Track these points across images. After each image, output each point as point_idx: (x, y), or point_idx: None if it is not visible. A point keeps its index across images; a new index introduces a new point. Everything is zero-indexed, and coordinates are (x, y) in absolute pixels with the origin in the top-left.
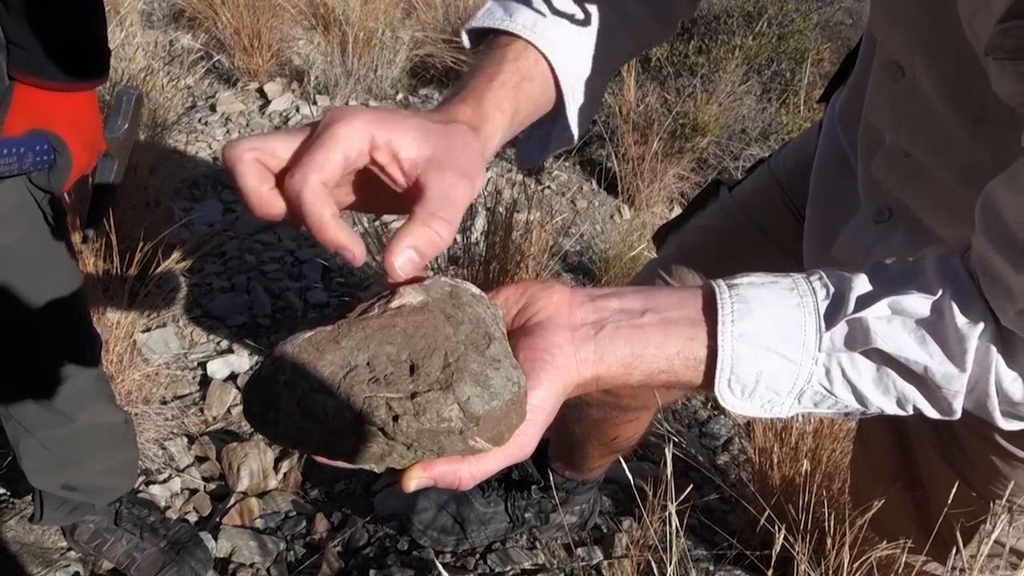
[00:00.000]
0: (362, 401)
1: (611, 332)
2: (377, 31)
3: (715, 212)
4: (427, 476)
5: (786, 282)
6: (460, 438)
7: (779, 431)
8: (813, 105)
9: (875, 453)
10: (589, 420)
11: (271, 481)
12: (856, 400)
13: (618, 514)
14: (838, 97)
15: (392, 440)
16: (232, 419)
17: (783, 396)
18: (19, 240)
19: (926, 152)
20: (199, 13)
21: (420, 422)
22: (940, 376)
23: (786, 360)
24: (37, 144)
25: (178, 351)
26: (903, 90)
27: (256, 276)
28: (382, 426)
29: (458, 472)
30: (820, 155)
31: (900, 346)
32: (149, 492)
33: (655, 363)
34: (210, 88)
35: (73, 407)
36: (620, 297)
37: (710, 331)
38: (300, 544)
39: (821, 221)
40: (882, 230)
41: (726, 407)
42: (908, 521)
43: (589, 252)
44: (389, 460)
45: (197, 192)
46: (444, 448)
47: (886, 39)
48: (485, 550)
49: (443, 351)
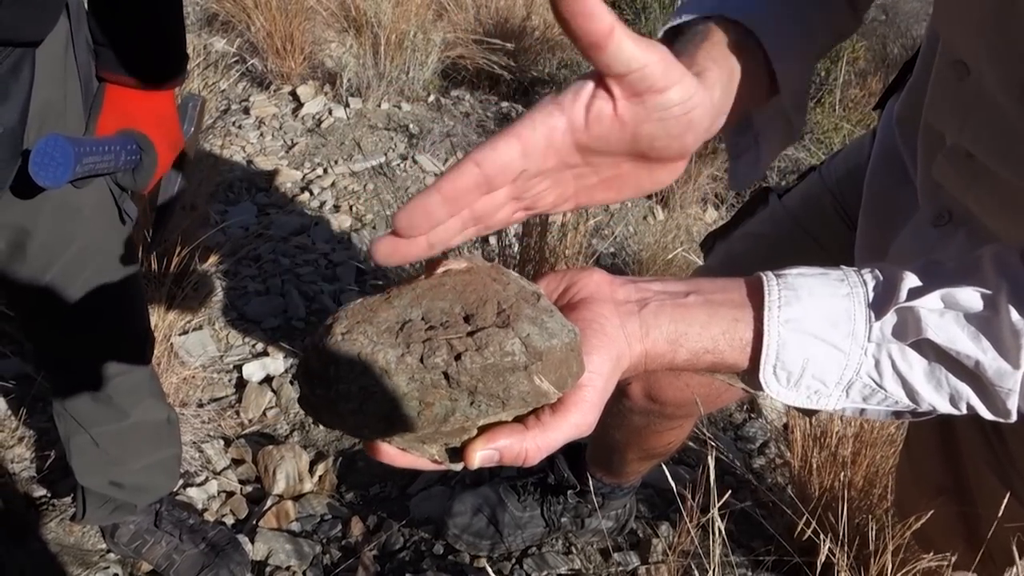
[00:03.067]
0: (422, 345)
1: (655, 309)
2: (409, 33)
3: (764, 219)
4: (491, 447)
5: (836, 273)
6: (525, 375)
7: (818, 436)
8: (848, 104)
9: (921, 465)
10: (631, 427)
11: (306, 484)
12: (907, 395)
13: (655, 519)
14: (895, 102)
15: (455, 388)
16: (267, 422)
17: (830, 387)
18: (99, 238)
19: (990, 153)
20: (232, 17)
21: (483, 356)
22: (992, 372)
23: (834, 349)
24: (128, 143)
25: (214, 354)
26: (968, 89)
27: (290, 279)
28: (445, 368)
29: (523, 443)
30: (874, 163)
31: (952, 338)
32: (187, 495)
33: (700, 342)
34: (244, 92)
35: (129, 402)
36: (662, 281)
37: (756, 316)
38: (336, 547)
39: (873, 230)
40: (941, 234)
41: (772, 396)
42: (954, 535)
43: (623, 254)
44: (452, 421)
45: (232, 195)
46: (510, 390)
47: (951, 37)
48: (521, 554)
49: (495, 301)
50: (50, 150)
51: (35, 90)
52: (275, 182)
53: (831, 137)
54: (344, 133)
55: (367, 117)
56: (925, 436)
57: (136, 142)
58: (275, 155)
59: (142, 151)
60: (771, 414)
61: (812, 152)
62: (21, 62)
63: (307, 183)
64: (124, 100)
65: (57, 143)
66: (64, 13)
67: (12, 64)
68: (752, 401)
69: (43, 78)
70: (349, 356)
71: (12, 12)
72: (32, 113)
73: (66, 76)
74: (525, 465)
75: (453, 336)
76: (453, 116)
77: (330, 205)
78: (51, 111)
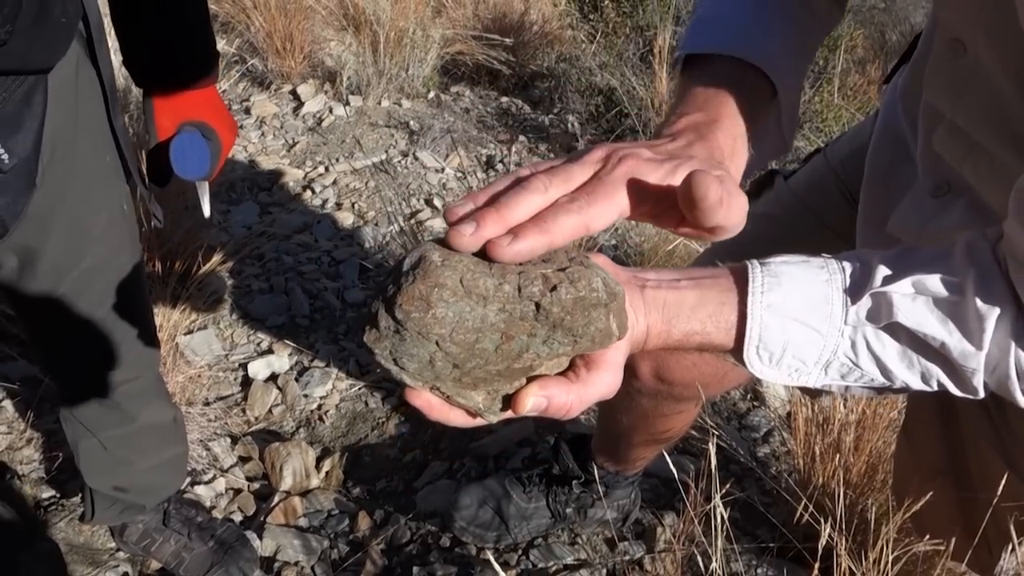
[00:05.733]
0: (517, 276)
1: (652, 289)
2: (408, 30)
3: (771, 200)
4: (543, 394)
5: (817, 261)
6: (604, 312)
7: (820, 423)
8: (847, 92)
9: (919, 448)
10: (639, 410)
11: (313, 480)
12: (881, 373)
13: (659, 508)
14: (900, 77)
15: (539, 322)
16: (273, 419)
17: (809, 366)
18: (109, 256)
19: (981, 130)
20: (232, 17)
21: (577, 288)
22: (957, 353)
23: (812, 331)
24: (196, 138)
25: (219, 352)
26: (964, 67)
27: (294, 277)
28: (539, 299)
29: (568, 394)
30: (876, 139)
31: (920, 322)
32: (194, 492)
33: (689, 324)
34: (244, 92)
35: (137, 406)
36: (656, 270)
37: (741, 300)
38: (343, 542)
39: (875, 205)
40: (939, 204)
41: (755, 374)
42: (950, 521)
43: (624, 246)
44: (522, 360)
45: (234, 195)
46: (589, 326)
47: (949, 16)
48: (527, 546)
49: (562, 251)
50: (185, 147)
51: (48, 116)
52: (277, 181)
53: (831, 125)
54: (345, 131)
55: (367, 115)
56: (926, 419)
57: (199, 131)
58: (276, 154)
59: (206, 139)
60: (775, 402)
61: (811, 140)
62: (33, 90)
63: (309, 181)
64: (173, 101)
65: (192, 140)
66: (77, 37)
67: (24, 93)
68: (756, 390)
69: (54, 104)
70: (452, 281)
71: (24, 40)
72: (44, 140)
73: (77, 100)
74: (567, 417)
75: (547, 270)
76: (453, 112)
77: (332, 203)
78: (62, 137)
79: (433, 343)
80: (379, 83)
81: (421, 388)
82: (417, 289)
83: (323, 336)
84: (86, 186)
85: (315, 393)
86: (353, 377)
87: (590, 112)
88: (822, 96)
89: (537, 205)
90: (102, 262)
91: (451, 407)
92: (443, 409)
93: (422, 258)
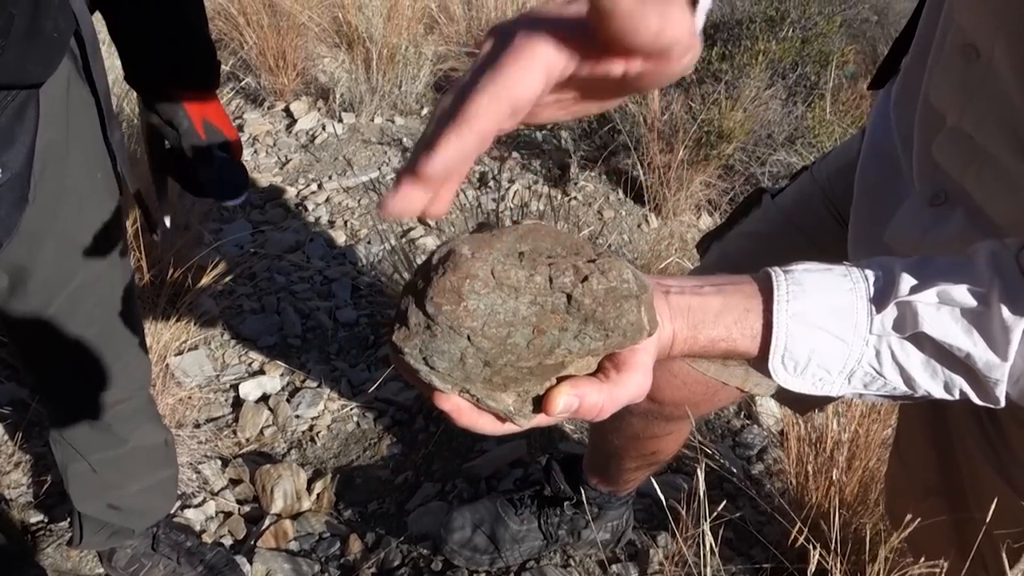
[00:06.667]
0: (548, 267)
1: (676, 295)
2: (400, 47)
3: (758, 219)
4: (575, 393)
5: (839, 269)
6: (636, 303)
7: (813, 441)
8: (839, 108)
9: (911, 466)
10: (629, 431)
11: (304, 502)
12: (904, 382)
13: (653, 528)
14: (891, 86)
15: (571, 314)
16: (265, 440)
17: (834, 375)
18: (100, 274)
19: (991, 135)
20: (225, 35)
21: (608, 279)
22: (982, 364)
23: (838, 340)
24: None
25: (210, 373)
26: (976, 72)
27: (286, 296)
28: (571, 290)
29: (600, 394)
30: (864, 160)
31: (946, 332)
32: (184, 516)
33: (715, 330)
34: (238, 110)
35: (128, 429)
36: (675, 277)
37: (766, 308)
38: (334, 566)
39: (865, 224)
40: (937, 214)
41: (778, 382)
42: (944, 541)
43: None
44: (554, 355)
45: (226, 213)
46: (621, 319)
47: (968, 22)
48: (520, 568)
49: (588, 246)
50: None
51: (39, 132)
52: (269, 199)
53: (823, 141)
54: (338, 148)
55: (361, 132)
56: (916, 435)
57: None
58: (269, 172)
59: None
60: (768, 420)
61: (804, 156)
62: (26, 105)
63: (301, 199)
64: (190, 100)
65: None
66: (68, 55)
67: (17, 107)
68: (748, 407)
69: (46, 120)
70: (483, 272)
71: (16, 54)
72: (36, 155)
73: (68, 115)
74: (598, 419)
75: (578, 261)
76: None
77: (325, 221)
78: (54, 153)
79: (465, 338)
80: (372, 100)
81: (450, 391)
82: (448, 281)
83: (315, 356)
84: (78, 203)
85: (307, 414)
86: (345, 398)
87: (583, 128)
88: (815, 112)
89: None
90: (93, 280)
91: (480, 412)
92: (472, 414)
93: (452, 251)
